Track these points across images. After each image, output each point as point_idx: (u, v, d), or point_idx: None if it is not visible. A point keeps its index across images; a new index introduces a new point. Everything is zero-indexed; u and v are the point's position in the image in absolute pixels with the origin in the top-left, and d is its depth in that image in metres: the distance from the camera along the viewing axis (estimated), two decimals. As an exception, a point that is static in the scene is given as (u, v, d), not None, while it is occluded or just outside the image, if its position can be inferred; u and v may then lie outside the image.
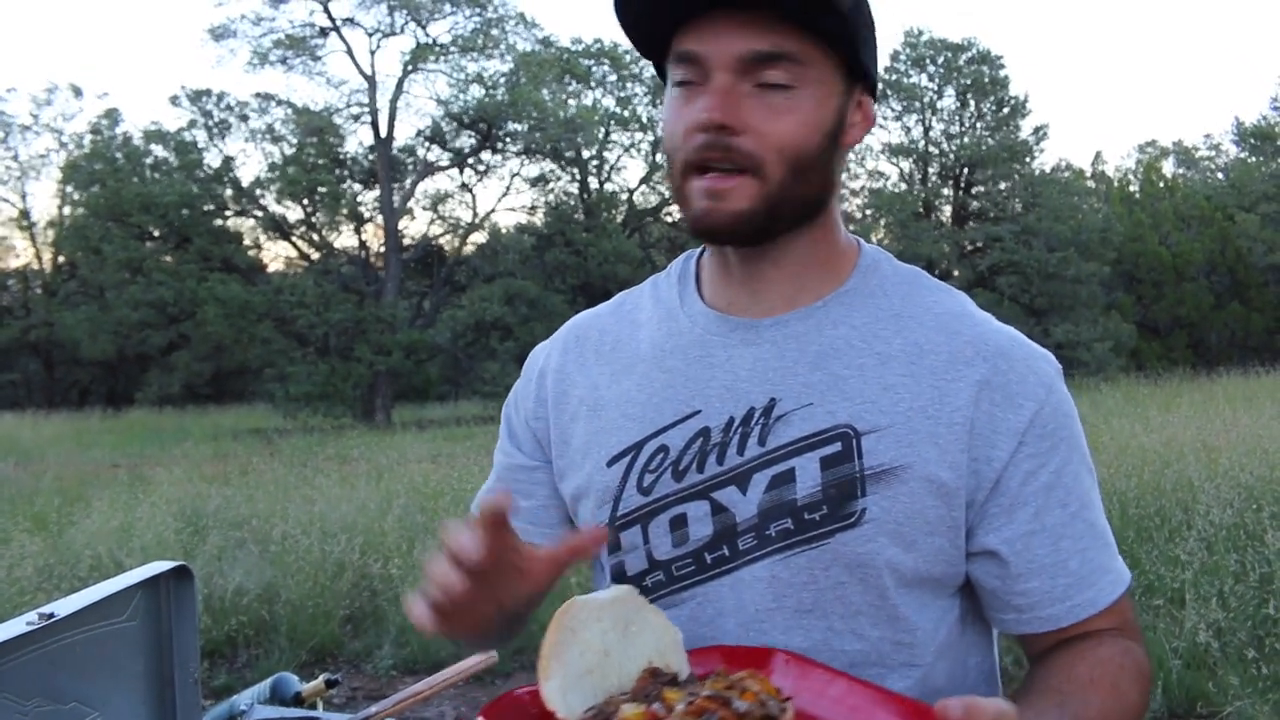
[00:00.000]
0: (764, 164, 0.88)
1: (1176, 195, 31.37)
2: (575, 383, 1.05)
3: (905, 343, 0.94)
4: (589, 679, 0.79)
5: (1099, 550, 0.93)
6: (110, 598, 1.68)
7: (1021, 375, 0.92)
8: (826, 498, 0.90)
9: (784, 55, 0.87)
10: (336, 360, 23.29)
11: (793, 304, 0.96)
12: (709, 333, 0.98)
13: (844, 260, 0.99)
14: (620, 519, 0.98)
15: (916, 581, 0.92)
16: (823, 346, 0.94)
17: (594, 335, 1.07)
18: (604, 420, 1.00)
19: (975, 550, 0.93)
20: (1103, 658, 0.90)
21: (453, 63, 26.73)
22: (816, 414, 0.91)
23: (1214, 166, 38.45)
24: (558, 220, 27.60)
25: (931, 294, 0.98)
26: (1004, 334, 0.95)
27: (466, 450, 12.04)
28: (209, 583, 5.40)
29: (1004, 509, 0.91)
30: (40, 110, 34.21)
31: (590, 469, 1.00)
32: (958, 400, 0.91)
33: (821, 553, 0.90)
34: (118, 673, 1.70)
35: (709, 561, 0.94)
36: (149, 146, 27.04)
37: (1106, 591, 0.92)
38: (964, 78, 28.17)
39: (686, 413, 0.96)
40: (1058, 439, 0.92)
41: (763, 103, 0.88)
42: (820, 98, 0.90)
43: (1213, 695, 3.85)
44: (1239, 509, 5.57)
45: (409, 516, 6.87)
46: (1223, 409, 10.34)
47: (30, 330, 31.81)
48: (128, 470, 11.59)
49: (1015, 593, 0.93)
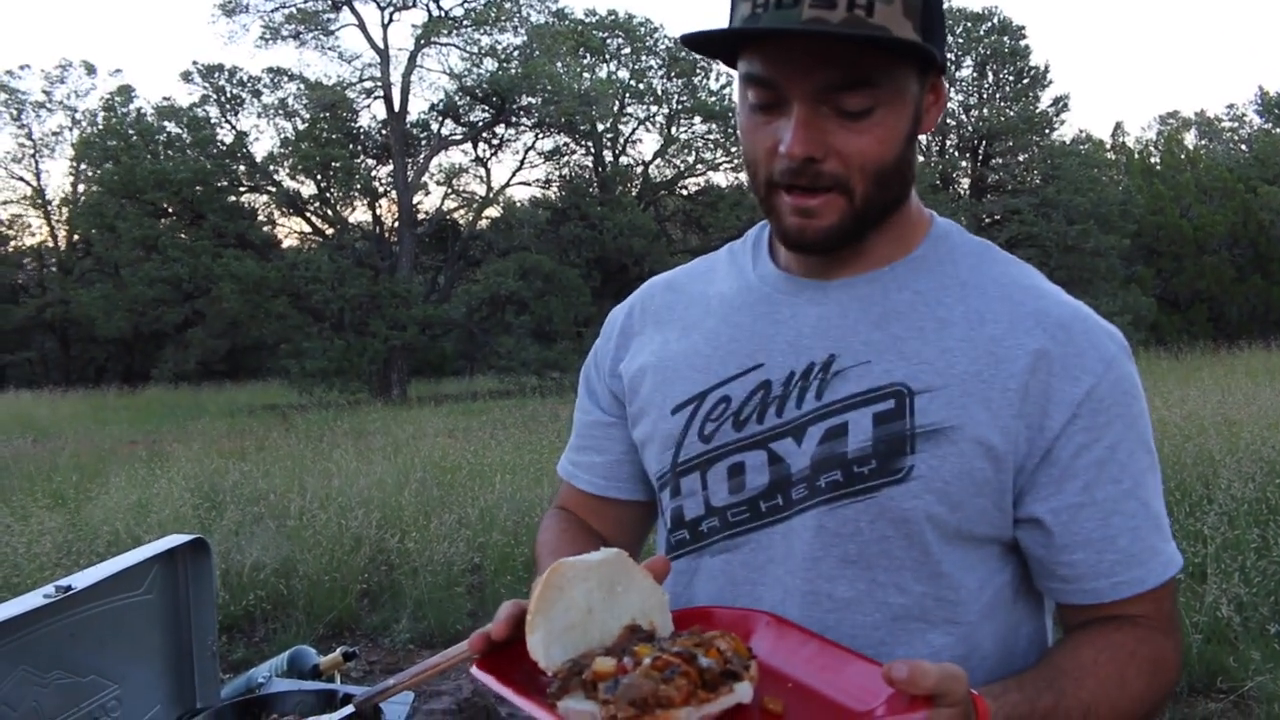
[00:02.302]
0: (850, 182, 0.91)
1: (1198, 167, 30.97)
2: (649, 338, 1.10)
3: (967, 309, 0.95)
4: (571, 634, 0.82)
5: (1151, 530, 0.93)
6: (127, 571, 1.67)
7: (1081, 349, 0.92)
8: (876, 453, 0.92)
9: (860, 82, 0.88)
10: (352, 336, 23.35)
11: (862, 268, 0.99)
12: (777, 290, 1.02)
13: (915, 230, 1.02)
14: (681, 465, 1.02)
15: (960, 540, 0.93)
16: (886, 308, 0.96)
17: (668, 294, 1.12)
18: (671, 371, 1.04)
19: (1023, 517, 0.94)
20: (1114, 643, 0.90)
21: (466, 36, 26.58)
22: (873, 371, 0.94)
23: (1237, 138, 37.93)
24: (572, 194, 27.49)
25: (999, 265, 1.00)
26: (1068, 307, 0.96)
27: (483, 424, 12.07)
28: (227, 558, 5.43)
29: (1053, 479, 0.92)
30: (53, 87, 34.30)
31: (656, 416, 1.04)
32: (1013, 367, 0.91)
33: (868, 506, 0.92)
34: (136, 645, 1.69)
35: (763, 510, 0.97)
36: (162, 123, 27.02)
37: (1156, 572, 0.93)
38: (984, 48, 27.81)
39: (750, 365, 0.99)
40: (1114, 415, 0.92)
41: (843, 126, 0.89)
42: (898, 109, 0.91)
43: (1234, 670, 3.83)
44: (1260, 483, 5.53)
45: (426, 491, 6.89)
46: (1244, 383, 10.25)
47: (46, 308, 32.02)
48: (145, 447, 11.68)
49: (1060, 563, 0.94)
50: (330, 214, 27.68)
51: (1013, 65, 28.03)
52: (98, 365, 33.00)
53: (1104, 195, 26.73)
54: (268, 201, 27.85)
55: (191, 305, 26.10)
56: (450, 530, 5.81)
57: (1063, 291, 0.99)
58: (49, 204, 35.05)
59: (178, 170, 24.36)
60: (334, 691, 1.67)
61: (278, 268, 24.09)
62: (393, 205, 27.35)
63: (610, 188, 27.80)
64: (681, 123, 28.59)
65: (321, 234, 27.76)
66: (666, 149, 28.97)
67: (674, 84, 28.20)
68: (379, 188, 27.47)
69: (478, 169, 29.81)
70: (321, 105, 26.13)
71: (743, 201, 27.32)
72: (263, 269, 23.72)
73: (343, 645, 2.01)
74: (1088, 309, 0.97)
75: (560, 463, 1.21)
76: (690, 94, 28.02)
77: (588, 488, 1.17)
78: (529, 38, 26.31)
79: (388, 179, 27.38)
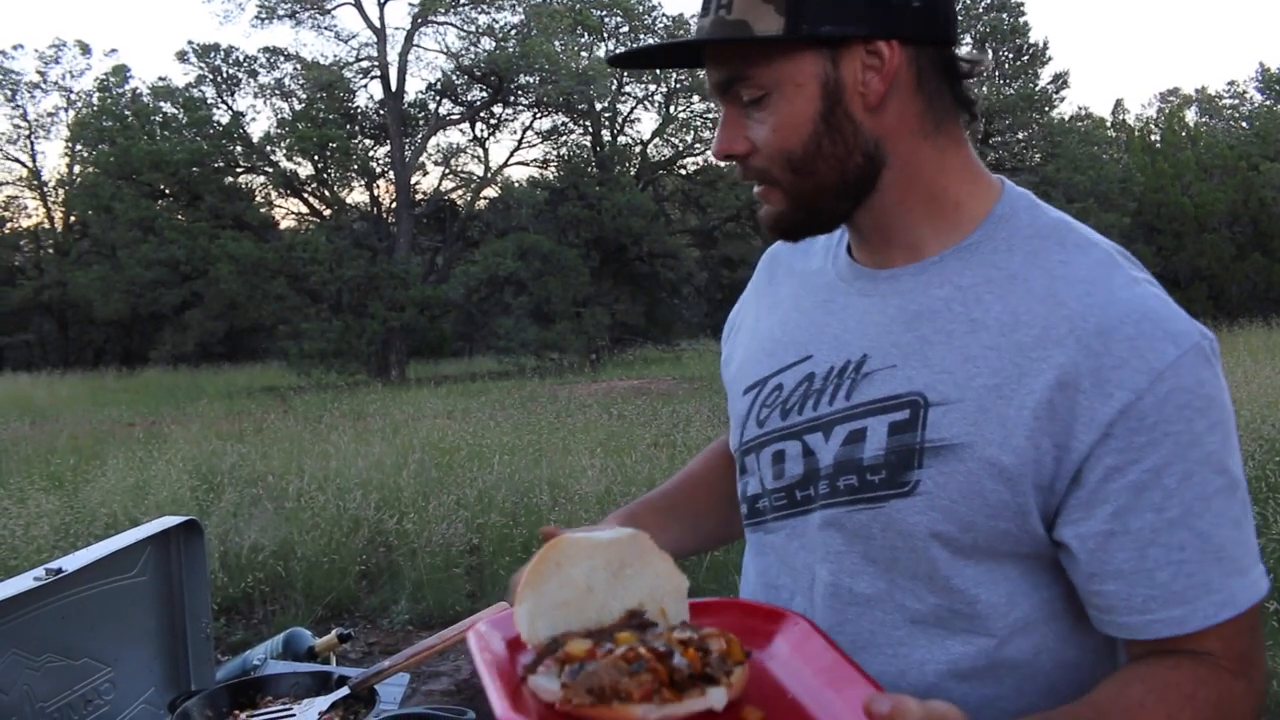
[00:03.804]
0: (770, 171, 0.93)
1: (1199, 144, 30.82)
2: (749, 309, 1.16)
3: (1004, 310, 0.89)
4: (563, 611, 0.81)
5: (1204, 566, 0.83)
6: (120, 553, 1.66)
7: (1121, 360, 0.83)
8: (887, 463, 0.91)
9: (736, 79, 0.91)
10: (350, 317, 23.32)
11: (915, 256, 0.96)
12: (840, 279, 1.03)
13: (973, 209, 0.95)
14: (745, 444, 1.07)
15: (979, 556, 0.89)
16: (921, 306, 0.94)
17: (775, 269, 1.15)
18: (751, 351, 1.10)
19: (1057, 540, 0.88)
20: (1169, 683, 0.82)
21: (463, 15, 26.40)
22: (896, 377, 0.93)
23: (1238, 115, 37.77)
24: (570, 174, 27.38)
25: (1062, 252, 0.91)
26: (1121, 307, 0.85)
27: (481, 405, 12.06)
28: (225, 539, 5.43)
29: (1081, 503, 0.85)
30: (48, 68, 34.06)
31: (734, 394, 1.11)
32: (1035, 383, 0.85)
33: (877, 515, 0.92)
34: (129, 628, 1.68)
35: (798, 498, 1.00)
36: (158, 103, 26.89)
37: (1202, 613, 0.83)
38: (983, 25, 27.63)
39: (802, 356, 1.02)
40: (1162, 433, 0.82)
41: (751, 118, 0.92)
42: (791, 94, 0.89)
43: (1234, 648, 3.83)
44: (1260, 461, 5.53)
45: (424, 472, 6.89)
46: (1244, 361, 10.25)
47: (43, 290, 31.95)
48: (143, 429, 11.67)
49: (1092, 592, 0.87)
50: (328, 195, 27.59)
51: (1012, 42, 27.87)
52: (95, 347, 32.97)
53: (1104, 173, 26.65)
54: (265, 182, 27.76)
55: (189, 287, 26.02)
56: (449, 511, 5.81)
57: (1136, 283, 0.88)
58: (45, 185, 34.94)
59: (174, 151, 24.25)
60: (329, 673, 1.65)
61: (275, 249, 24.02)
62: (390, 186, 27.27)
63: (608, 167, 27.68)
64: (680, 102, 28.46)
65: (319, 215, 27.67)
66: (665, 128, 28.85)
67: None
68: (376, 168, 27.38)
69: (475, 149, 29.77)
70: (318, 85, 25.98)
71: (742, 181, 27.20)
72: (260, 250, 23.65)
73: (340, 627, 2.00)
74: (1154, 305, 0.86)
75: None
76: (689, 72, 27.85)
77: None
78: (526, 16, 26.14)
79: (385, 159, 27.29)
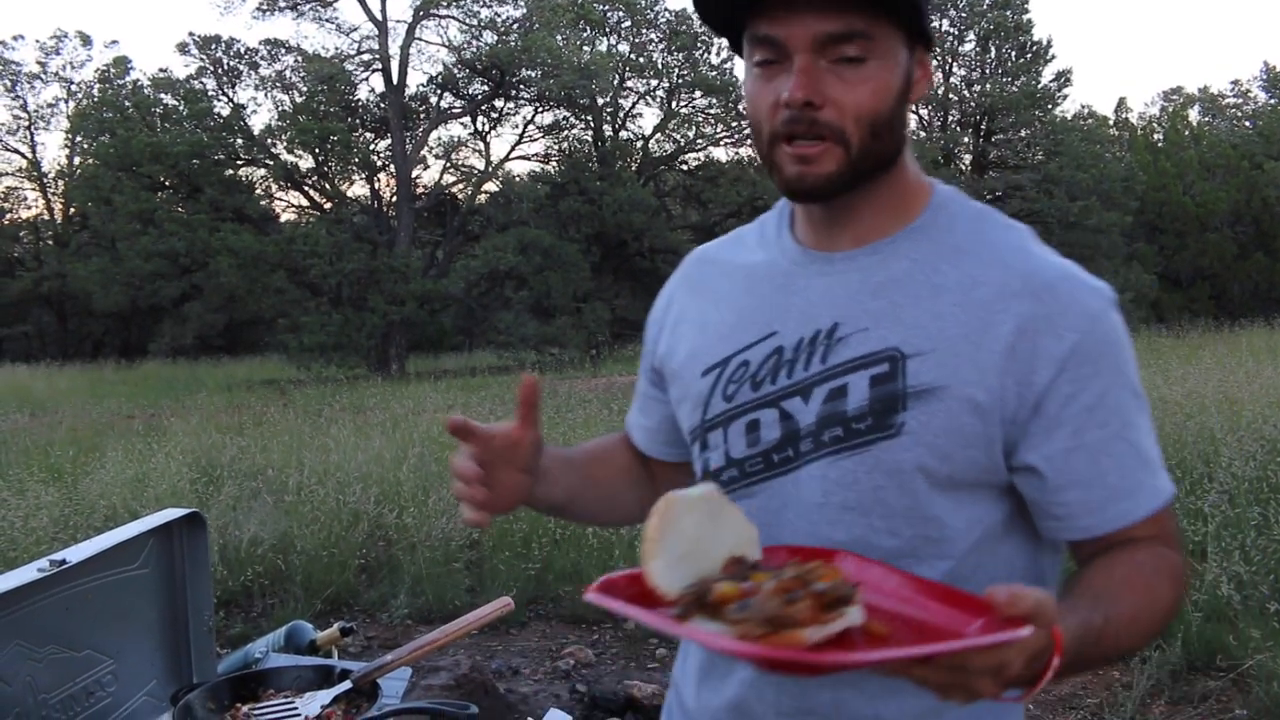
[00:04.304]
0: (845, 131, 0.99)
1: (1201, 143, 30.78)
2: (686, 307, 1.23)
3: (960, 275, 1.04)
4: (684, 563, 0.89)
5: (1139, 467, 1.02)
6: (122, 545, 1.65)
7: (1065, 307, 1.00)
8: (872, 411, 1.02)
9: (856, 34, 0.98)
10: (350, 310, 23.30)
11: (865, 240, 1.08)
12: (794, 264, 1.12)
13: (915, 200, 1.10)
14: (708, 421, 1.14)
15: (950, 487, 1.03)
16: (885, 278, 1.06)
17: (703, 266, 1.24)
18: (704, 338, 1.17)
19: (1018, 465, 1.03)
20: (1138, 561, 0.99)
21: (465, 8, 26.37)
22: (871, 337, 1.04)
23: (1241, 114, 37.71)
24: (572, 168, 27.34)
25: (995, 230, 1.08)
26: (1055, 268, 1.04)
27: (481, 400, 12.06)
28: (224, 533, 5.42)
29: (1044, 429, 1.01)
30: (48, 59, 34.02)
31: (689, 378, 1.17)
32: (1000, 329, 1.00)
33: (864, 458, 1.03)
34: (132, 620, 1.68)
35: (776, 461, 1.08)
36: (158, 95, 26.84)
37: (1143, 504, 1.02)
38: (986, 22, 27.58)
39: (767, 333, 1.11)
40: (1100, 365, 1.00)
41: (839, 77, 0.98)
42: (889, 65, 1.00)
43: (1233, 648, 3.83)
44: (1261, 462, 5.53)
45: (424, 466, 6.89)
46: (1245, 361, 10.24)
47: (43, 282, 31.93)
48: (142, 421, 11.67)
49: (1055, 503, 1.03)
50: (328, 188, 27.56)
51: (1015, 40, 27.80)
52: (95, 339, 32.95)
53: (1106, 171, 26.58)
54: (265, 175, 27.72)
55: (189, 279, 26.00)
56: (448, 506, 5.80)
57: (1053, 253, 1.07)
58: (45, 177, 34.91)
59: (174, 143, 24.21)
60: (331, 667, 1.65)
61: (275, 242, 23.99)
62: (391, 179, 27.23)
63: (610, 162, 27.64)
64: (682, 97, 28.42)
65: (319, 208, 27.64)
66: (666, 123, 28.80)
67: (674, 58, 27.99)
68: (377, 161, 27.33)
69: (476, 143, 29.70)
70: (319, 78, 25.94)
71: (743, 177, 27.19)
72: (260, 243, 23.63)
73: (340, 621, 2.00)
74: (1075, 268, 1.05)
75: (628, 413, 1.37)
76: (691, 68, 27.81)
77: (638, 445, 1.34)
78: (528, 10, 26.09)
79: (386, 153, 27.24)
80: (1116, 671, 3.97)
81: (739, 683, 1.11)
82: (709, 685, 1.16)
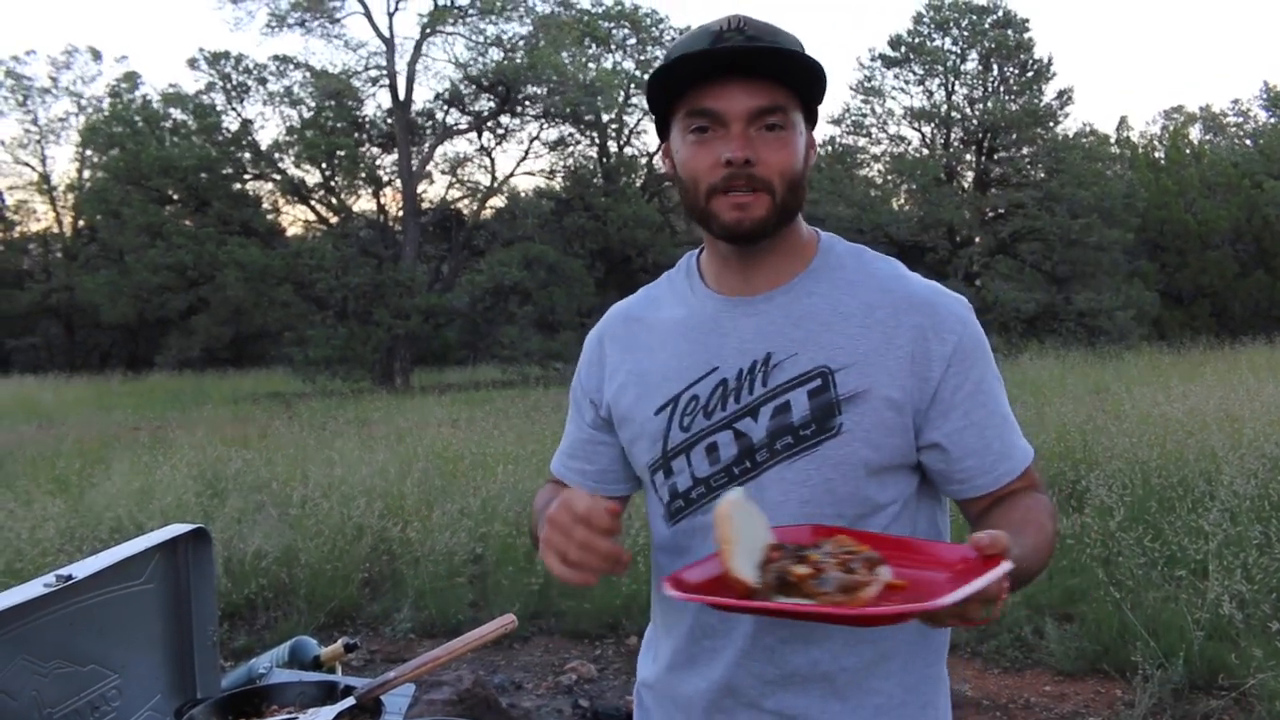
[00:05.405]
0: (773, 184, 1.22)
1: (1203, 162, 30.81)
2: (622, 361, 1.39)
3: (859, 303, 1.28)
4: (748, 555, 1.06)
5: (1010, 434, 1.29)
6: (128, 560, 1.67)
7: (943, 317, 1.26)
8: (814, 418, 1.24)
9: (778, 107, 1.22)
10: (355, 324, 23.34)
11: (774, 284, 1.30)
12: (719, 310, 1.32)
13: (808, 247, 1.33)
14: (670, 451, 1.32)
15: (881, 471, 1.26)
16: (801, 312, 1.28)
17: (628, 324, 1.42)
18: (649, 384, 1.35)
19: (925, 444, 1.27)
20: (1026, 505, 1.24)
21: (471, 25, 26.49)
22: (801, 360, 1.26)
23: (1242, 133, 37.75)
24: (577, 184, 27.42)
25: (874, 263, 1.33)
26: (929, 287, 1.30)
27: (485, 414, 12.06)
28: (229, 545, 5.44)
29: (941, 413, 1.26)
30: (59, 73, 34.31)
31: (642, 419, 1.34)
32: (900, 340, 1.24)
33: (813, 457, 1.24)
34: (136, 635, 1.69)
35: (737, 473, 1.27)
36: (167, 110, 26.99)
37: (1020, 461, 1.28)
38: (988, 41, 27.65)
39: (708, 369, 1.30)
40: (975, 358, 1.26)
41: (765, 142, 1.21)
42: (798, 134, 1.25)
43: (1235, 667, 3.82)
44: (1263, 480, 5.51)
45: (428, 480, 6.90)
46: (1246, 379, 10.22)
47: (51, 294, 32.05)
48: (148, 433, 11.70)
49: (956, 470, 1.28)
50: (335, 202, 27.65)
51: (1017, 59, 27.86)
52: (102, 351, 33.03)
53: (1108, 189, 26.56)
54: (272, 189, 27.85)
55: (196, 292, 26.08)
56: (452, 520, 5.82)
57: (920, 276, 1.31)
58: (54, 190, 35.07)
59: (183, 157, 24.34)
60: (335, 683, 1.66)
61: (282, 255, 24.07)
62: (397, 194, 27.32)
63: (615, 179, 27.72)
64: (686, 114, 28.44)
65: (326, 222, 27.73)
66: (671, 140, 28.81)
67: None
68: (383, 176, 27.45)
69: (482, 158, 29.89)
70: (327, 93, 26.07)
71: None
72: (267, 257, 23.70)
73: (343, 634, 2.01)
74: (941, 286, 1.30)
75: (554, 462, 1.50)
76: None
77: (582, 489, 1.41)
78: (535, 27, 26.22)
79: (392, 168, 27.33)
80: (1119, 690, 3.97)
81: (725, 665, 1.29)
82: (694, 672, 1.32)
